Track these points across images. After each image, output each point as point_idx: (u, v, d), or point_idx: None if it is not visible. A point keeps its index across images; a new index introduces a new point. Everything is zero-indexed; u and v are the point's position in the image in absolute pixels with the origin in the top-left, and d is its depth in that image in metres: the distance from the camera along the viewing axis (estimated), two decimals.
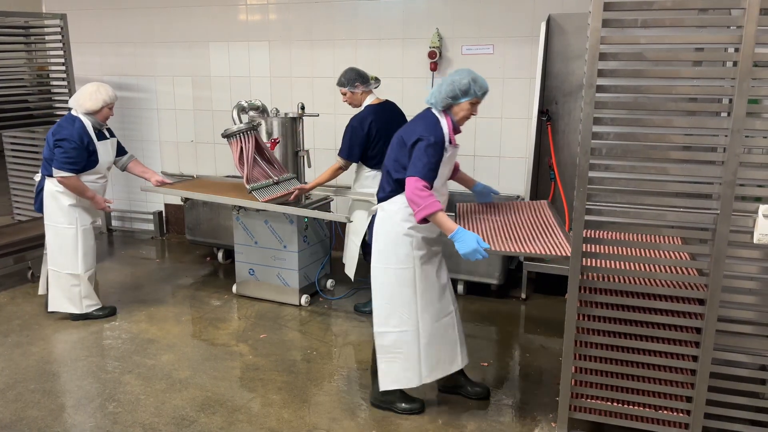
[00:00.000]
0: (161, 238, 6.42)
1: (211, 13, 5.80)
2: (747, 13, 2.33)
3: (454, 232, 2.79)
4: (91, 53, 6.26)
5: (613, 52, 2.55)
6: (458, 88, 2.93)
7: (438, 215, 2.81)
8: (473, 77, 2.94)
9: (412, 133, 2.97)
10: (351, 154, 4.15)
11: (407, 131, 3.03)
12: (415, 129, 2.98)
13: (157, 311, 4.55)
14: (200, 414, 3.25)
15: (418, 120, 3.06)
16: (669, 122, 2.61)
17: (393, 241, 3.07)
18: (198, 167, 6.20)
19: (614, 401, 2.84)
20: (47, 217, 4.19)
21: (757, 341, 2.70)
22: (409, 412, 3.23)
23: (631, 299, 2.72)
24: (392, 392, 3.25)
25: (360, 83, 4.13)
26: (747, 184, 2.54)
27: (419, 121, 3.03)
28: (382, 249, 3.11)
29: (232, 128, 4.31)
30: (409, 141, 2.96)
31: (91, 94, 4.05)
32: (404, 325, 3.11)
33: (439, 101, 2.98)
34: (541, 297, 4.82)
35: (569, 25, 4.63)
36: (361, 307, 4.55)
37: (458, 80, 2.93)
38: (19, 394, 3.45)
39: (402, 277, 3.08)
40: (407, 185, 2.86)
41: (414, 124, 3.05)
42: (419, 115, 3.09)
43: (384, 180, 3.13)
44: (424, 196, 2.81)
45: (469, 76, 2.94)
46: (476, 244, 2.72)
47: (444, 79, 3.01)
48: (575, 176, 2.64)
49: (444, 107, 2.99)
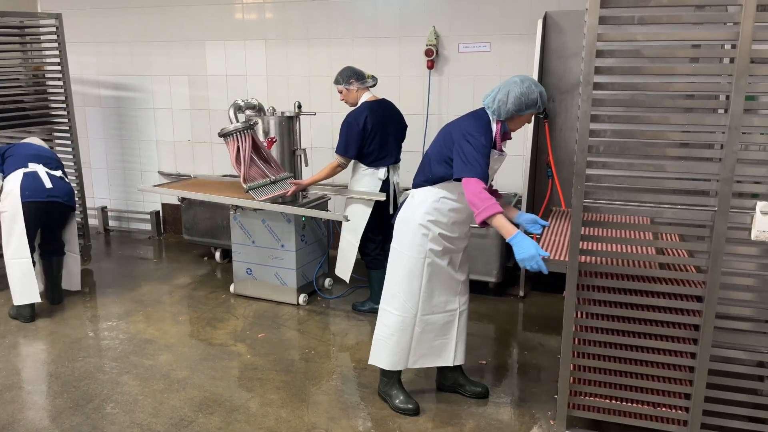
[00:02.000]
0: (158, 238, 6.40)
1: (208, 12, 5.79)
2: (744, 10, 2.32)
3: (513, 236, 2.72)
4: (86, 53, 6.25)
5: (610, 49, 2.54)
6: (525, 102, 2.85)
7: (497, 218, 2.74)
8: (540, 90, 2.87)
9: (463, 129, 2.92)
10: (347, 150, 4.15)
11: (457, 126, 2.98)
12: (467, 126, 2.93)
13: (154, 311, 4.54)
14: (198, 414, 3.25)
15: (470, 118, 3.01)
16: (666, 119, 2.60)
17: (411, 229, 3.09)
18: (195, 167, 6.19)
19: (613, 398, 2.84)
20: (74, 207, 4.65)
21: (755, 338, 2.71)
22: (403, 411, 3.23)
23: (629, 297, 2.72)
24: (394, 386, 3.28)
25: (355, 80, 4.15)
26: (744, 181, 2.54)
27: (471, 120, 2.98)
28: (401, 233, 3.14)
29: (228, 127, 4.30)
30: (457, 136, 2.91)
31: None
32: (404, 311, 3.13)
33: (503, 113, 2.89)
34: (539, 295, 4.82)
35: (566, 22, 4.63)
36: (358, 306, 4.54)
37: (526, 94, 2.84)
38: (16, 395, 3.44)
39: (412, 265, 3.10)
40: (467, 187, 2.80)
41: (465, 121, 3.00)
42: (472, 113, 3.03)
43: (422, 168, 3.13)
44: (485, 198, 2.75)
45: (537, 90, 2.86)
46: (535, 251, 2.66)
47: (506, 87, 2.88)
48: (573, 174, 2.64)
49: (506, 118, 2.93)
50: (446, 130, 3.06)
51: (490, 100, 2.94)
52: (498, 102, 2.89)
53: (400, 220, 3.16)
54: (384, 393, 3.32)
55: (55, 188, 4.33)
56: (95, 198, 6.59)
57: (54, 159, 4.59)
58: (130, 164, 6.42)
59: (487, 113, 2.96)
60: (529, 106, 2.88)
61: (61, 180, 4.45)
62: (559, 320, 2.84)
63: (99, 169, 6.54)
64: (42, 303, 4.46)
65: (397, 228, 3.17)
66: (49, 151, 4.66)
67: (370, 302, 4.47)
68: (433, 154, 3.06)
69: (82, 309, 4.56)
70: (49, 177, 4.35)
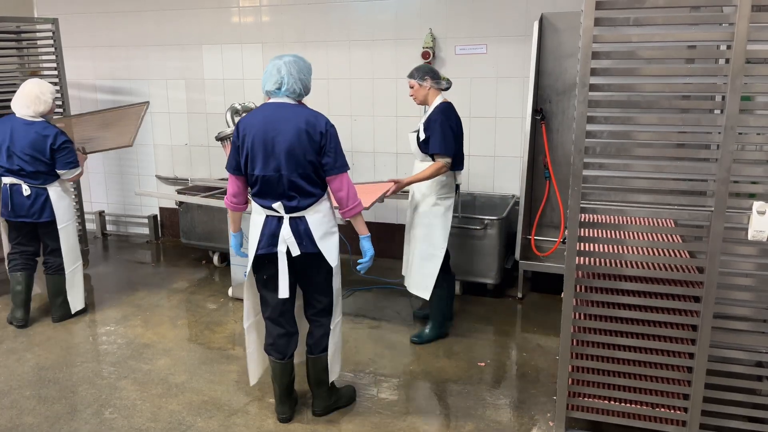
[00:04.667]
0: (156, 242, 6.39)
1: (204, 15, 5.79)
2: (739, 10, 2.33)
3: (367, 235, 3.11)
4: (83, 57, 6.24)
5: (606, 50, 2.55)
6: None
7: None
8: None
9: None
10: (448, 148, 3.74)
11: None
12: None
13: (152, 315, 4.53)
14: (197, 418, 3.24)
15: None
16: (662, 120, 2.61)
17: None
18: (192, 170, 6.19)
19: (612, 399, 2.84)
20: (62, 220, 4.24)
21: (753, 338, 2.71)
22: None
23: (627, 297, 2.73)
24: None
25: (430, 78, 3.82)
26: (741, 181, 2.55)
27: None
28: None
29: (226, 131, 4.31)
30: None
31: (39, 96, 4.13)
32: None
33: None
34: (538, 296, 4.82)
35: (562, 23, 4.64)
36: (417, 338, 4.07)
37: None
38: (14, 400, 3.43)
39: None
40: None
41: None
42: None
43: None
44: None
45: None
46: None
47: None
48: (570, 175, 2.64)
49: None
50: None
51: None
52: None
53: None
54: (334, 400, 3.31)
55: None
56: (93, 202, 6.58)
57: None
58: (128, 168, 6.41)
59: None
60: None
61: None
62: (558, 321, 2.84)
63: (96, 174, 6.53)
64: (42, 306, 4.45)
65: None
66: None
67: (433, 328, 4.07)
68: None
69: (80, 313, 4.54)
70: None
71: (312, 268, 3.00)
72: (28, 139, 4.06)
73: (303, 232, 2.91)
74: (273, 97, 2.92)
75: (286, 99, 2.90)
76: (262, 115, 2.89)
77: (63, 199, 4.25)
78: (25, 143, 4.06)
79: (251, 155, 2.86)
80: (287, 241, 2.91)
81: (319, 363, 3.15)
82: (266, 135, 2.83)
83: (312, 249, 2.93)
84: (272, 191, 2.88)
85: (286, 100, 2.90)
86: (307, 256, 2.94)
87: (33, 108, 4.09)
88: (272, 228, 2.93)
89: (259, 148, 2.84)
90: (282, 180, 2.85)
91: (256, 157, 2.85)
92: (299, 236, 2.91)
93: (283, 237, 2.91)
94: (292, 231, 2.90)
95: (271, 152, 2.83)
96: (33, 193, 4.14)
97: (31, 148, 4.05)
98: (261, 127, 2.85)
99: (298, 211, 2.90)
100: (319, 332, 3.13)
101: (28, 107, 4.09)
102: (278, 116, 2.86)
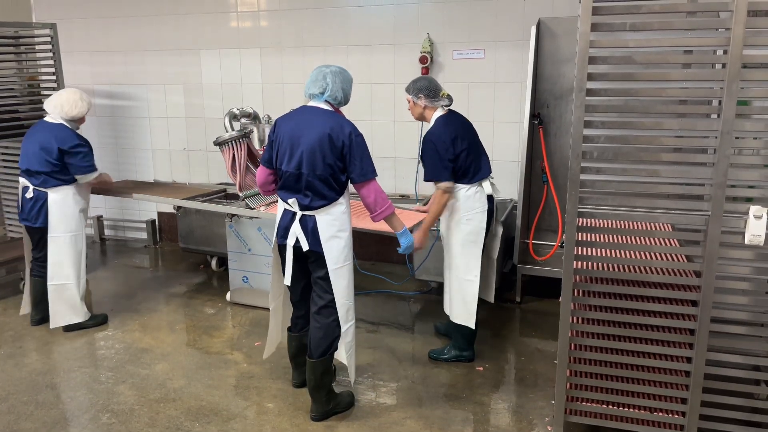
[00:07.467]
0: (154, 247, 6.39)
1: (202, 20, 5.80)
2: (735, 16, 2.34)
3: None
4: (81, 62, 6.25)
5: (603, 55, 2.56)
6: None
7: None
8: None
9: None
10: (441, 174, 3.54)
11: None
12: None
13: (150, 320, 4.53)
14: (195, 423, 3.23)
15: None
16: (659, 125, 2.62)
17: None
18: (191, 175, 6.19)
19: (609, 404, 2.85)
20: (53, 230, 4.13)
21: (750, 342, 2.71)
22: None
23: (625, 301, 2.73)
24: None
25: (425, 96, 3.59)
26: (737, 185, 2.56)
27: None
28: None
29: (224, 136, 4.31)
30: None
31: (76, 102, 4.12)
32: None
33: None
34: (536, 300, 4.82)
35: (559, 28, 4.65)
36: (436, 354, 3.92)
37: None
38: (12, 406, 3.42)
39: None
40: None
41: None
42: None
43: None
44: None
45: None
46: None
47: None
48: (567, 179, 2.65)
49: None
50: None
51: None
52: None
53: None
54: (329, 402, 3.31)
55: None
56: (91, 207, 6.55)
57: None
58: (126, 173, 6.40)
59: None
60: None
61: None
62: (556, 325, 2.85)
63: None
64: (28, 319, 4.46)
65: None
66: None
67: (454, 349, 3.88)
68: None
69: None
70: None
71: (315, 264, 3.13)
72: (40, 137, 4.06)
73: (311, 230, 3.07)
74: (312, 100, 3.13)
75: (324, 104, 3.10)
76: (297, 115, 3.12)
77: (65, 207, 4.13)
78: (37, 141, 4.06)
79: (280, 151, 3.08)
80: (297, 235, 3.09)
81: (318, 367, 3.16)
82: (294, 134, 3.04)
83: (316, 248, 3.07)
84: (291, 187, 3.07)
85: (324, 105, 3.10)
86: (313, 253, 3.10)
87: (60, 110, 4.10)
88: (286, 221, 3.13)
89: (287, 146, 3.04)
90: (301, 178, 3.02)
91: (284, 154, 3.05)
92: (307, 233, 3.07)
93: (294, 231, 3.10)
94: (302, 227, 3.07)
95: (295, 151, 3.01)
96: (34, 195, 4.13)
97: (39, 145, 4.04)
98: (293, 126, 3.07)
99: (310, 210, 3.06)
100: (316, 334, 3.16)
101: (55, 108, 4.11)
102: (309, 118, 3.07)
